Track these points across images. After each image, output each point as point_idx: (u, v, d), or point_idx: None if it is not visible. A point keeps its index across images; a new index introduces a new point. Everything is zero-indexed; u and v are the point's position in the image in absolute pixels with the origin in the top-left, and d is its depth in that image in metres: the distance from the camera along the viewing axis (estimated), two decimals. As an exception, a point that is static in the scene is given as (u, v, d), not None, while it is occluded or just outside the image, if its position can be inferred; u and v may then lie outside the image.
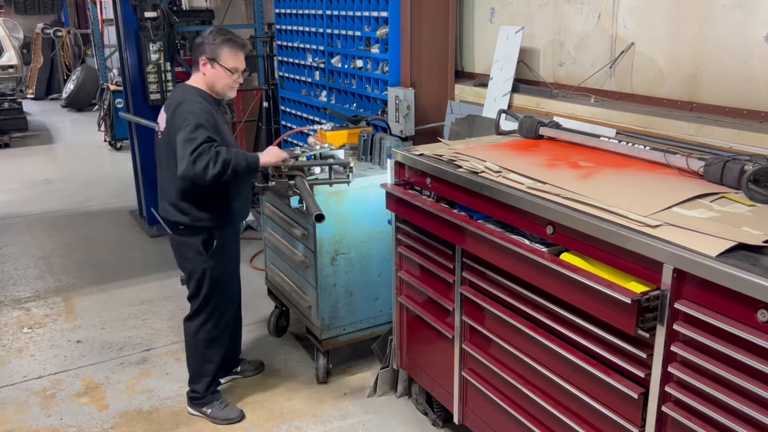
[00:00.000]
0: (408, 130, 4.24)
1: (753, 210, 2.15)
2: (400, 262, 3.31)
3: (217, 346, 3.50)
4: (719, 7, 2.91)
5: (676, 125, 3.02)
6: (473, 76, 4.44)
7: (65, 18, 15.44)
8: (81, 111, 13.07)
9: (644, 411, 2.10)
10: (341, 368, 3.95)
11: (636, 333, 1.99)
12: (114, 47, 10.12)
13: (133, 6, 5.72)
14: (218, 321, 3.48)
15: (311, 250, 3.61)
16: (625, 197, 2.27)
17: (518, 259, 2.42)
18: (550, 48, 3.82)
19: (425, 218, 2.92)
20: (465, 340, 2.93)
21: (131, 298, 4.95)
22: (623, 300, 1.97)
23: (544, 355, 2.47)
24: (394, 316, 3.45)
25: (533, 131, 3.17)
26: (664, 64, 3.21)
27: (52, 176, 8.50)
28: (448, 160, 2.89)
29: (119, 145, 9.94)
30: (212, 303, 3.43)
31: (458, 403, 3.04)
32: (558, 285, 2.25)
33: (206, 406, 3.53)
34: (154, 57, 5.83)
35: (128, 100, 6.20)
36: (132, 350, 4.25)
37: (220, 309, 3.46)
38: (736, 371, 1.82)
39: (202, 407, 3.53)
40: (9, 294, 5.12)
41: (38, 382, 3.92)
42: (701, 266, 1.85)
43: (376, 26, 4.44)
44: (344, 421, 3.50)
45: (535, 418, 2.59)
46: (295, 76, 5.70)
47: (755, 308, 1.75)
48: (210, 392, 3.53)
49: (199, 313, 3.44)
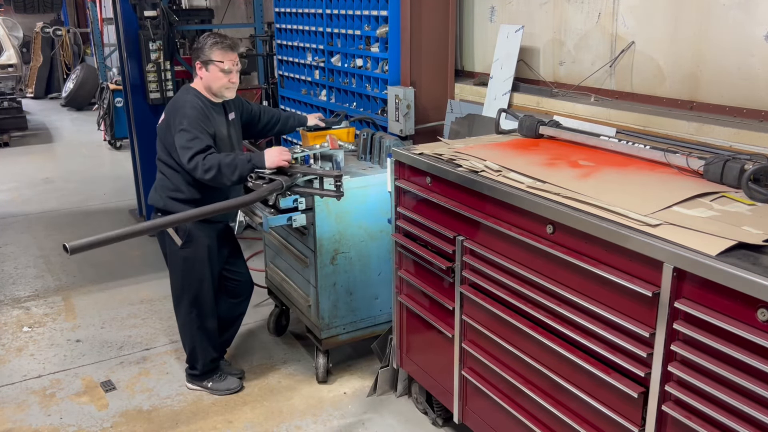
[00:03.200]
0: (408, 129, 4.23)
1: (753, 209, 2.15)
2: (400, 261, 3.31)
3: (208, 330, 3.66)
4: (719, 6, 2.91)
5: (676, 124, 3.02)
6: (473, 75, 4.43)
7: (65, 17, 15.43)
8: (80, 110, 13.07)
9: (644, 410, 2.10)
10: (341, 367, 3.95)
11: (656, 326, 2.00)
12: (113, 46, 10.12)
13: (132, 5, 5.71)
14: (200, 308, 3.60)
15: (311, 250, 3.61)
16: (625, 196, 2.27)
17: (529, 250, 2.42)
18: (550, 47, 3.82)
19: (432, 210, 2.92)
20: (465, 340, 2.93)
21: (131, 298, 4.95)
22: (644, 293, 1.98)
23: (544, 354, 2.47)
24: (394, 315, 3.44)
25: (533, 130, 3.17)
26: (665, 63, 3.21)
27: (51, 175, 8.50)
28: (448, 159, 2.89)
29: (119, 144, 9.94)
30: (190, 292, 3.56)
31: (458, 402, 3.04)
32: (574, 277, 2.27)
33: (206, 380, 3.72)
34: (154, 56, 5.83)
35: (128, 99, 6.20)
36: (132, 349, 4.25)
37: (199, 297, 3.58)
38: (736, 370, 1.82)
39: (202, 381, 3.73)
40: (9, 293, 5.12)
41: (38, 382, 3.92)
42: (701, 265, 1.85)
43: (376, 25, 4.43)
44: (344, 420, 3.50)
45: (535, 417, 2.59)
46: (294, 75, 5.69)
47: (755, 307, 1.75)
48: (208, 368, 3.71)
49: (181, 299, 3.60)
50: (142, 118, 6.09)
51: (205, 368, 3.72)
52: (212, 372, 3.74)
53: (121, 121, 9.28)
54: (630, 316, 2.09)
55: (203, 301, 3.60)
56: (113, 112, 9.49)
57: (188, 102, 3.34)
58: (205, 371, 3.72)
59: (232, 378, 3.75)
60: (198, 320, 3.62)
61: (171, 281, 3.65)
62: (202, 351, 3.68)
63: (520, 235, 2.47)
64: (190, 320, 3.62)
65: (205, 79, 3.39)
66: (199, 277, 3.56)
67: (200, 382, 3.74)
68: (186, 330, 3.67)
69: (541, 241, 2.39)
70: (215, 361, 3.75)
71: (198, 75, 3.42)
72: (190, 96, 3.38)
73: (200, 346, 3.67)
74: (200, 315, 3.62)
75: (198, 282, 3.56)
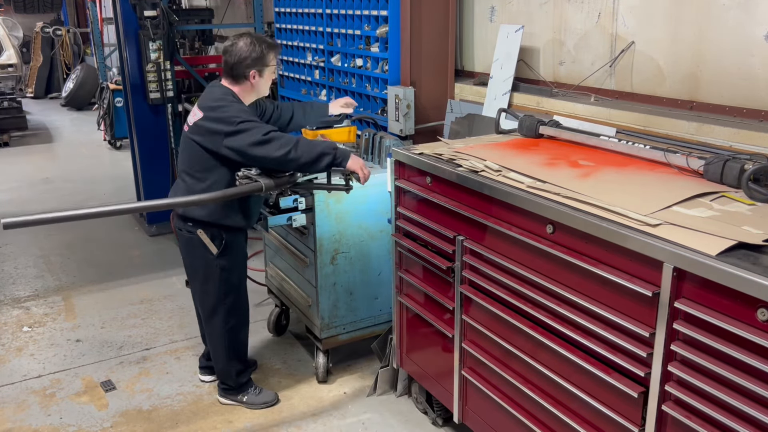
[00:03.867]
0: (408, 129, 4.24)
1: (753, 209, 2.15)
2: (400, 261, 3.31)
3: (244, 340, 3.57)
4: (719, 6, 2.91)
5: (676, 124, 3.02)
6: (473, 74, 4.44)
7: (65, 17, 15.42)
8: (80, 110, 13.06)
9: (644, 410, 2.10)
10: (341, 367, 3.95)
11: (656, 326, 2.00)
12: (113, 46, 10.12)
13: (132, 5, 5.71)
14: (239, 317, 3.50)
15: (311, 249, 3.61)
16: (625, 196, 2.27)
17: (529, 250, 2.42)
18: (550, 47, 3.82)
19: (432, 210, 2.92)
20: (465, 339, 2.93)
21: (131, 297, 4.95)
22: (644, 293, 1.98)
23: (544, 354, 2.47)
24: (394, 315, 3.44)
25: (533, 130, 3.17)
26: (665, 63, 3.21)
27: (51, 175, 8.50)
28: (447, 159, 2.89)
29: (119, 144, 9.94)
30: (228, 301, 3.42)
31: (458, 402, 3.04)
32: (573, 277, 2.27)
33: (241, 394, 3.60)
34: (154, 56, 5.82)
35: (128, 99, 6.20)
36: (132, 349, 4.24)
37: (237, 306, 3.47)
38: (736, 370, 1.82)
39: (237, 395, 3.60)
40: (8, 293, 5.11)
41: (38, 381, 3.92)
42: (701, 265, 1.85)
43: (375, 25, 4.43)
44: (344, 420, 3.50)
45: (535, 417, 2.59)
46: (294, 75, 5.70)
47: (755, 307, 1.75)
48: (241, 381, 3.59)
49: (217, 310, 3.43)
50: (142, 118, 6.09)
51: (240, 381, 3.59)
52: (248, 385, 3.62)
53: (121, 121, 9.28)
54: (630, 316, 2.09)
55: (242, 310, 3.51)
56: (113, 112, 9.48)
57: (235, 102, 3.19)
58: (240, 383, 3.59)
59: (267, 391, 3.63)
60: (235, 331, 3.49)
61: (202, 292, 3.44)
62: (239, 363, 3.56)
63: (520, 234, 2.47)
64: (227, 331, 3.47)
65: (257, 84, 3.26)
66: (237, 285, 3.45)
67: (235, 396, 3.61)
68: (221, 342, 3.48)
69: (541, 241, 2.39)
70: (249, 373, 3.67)
71: (249, 83, 3.24)
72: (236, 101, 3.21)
73: (238, 359, 3.55)
74: (238, 325, 3.50)
75: (236, 290, 3.45)
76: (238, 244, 3.43)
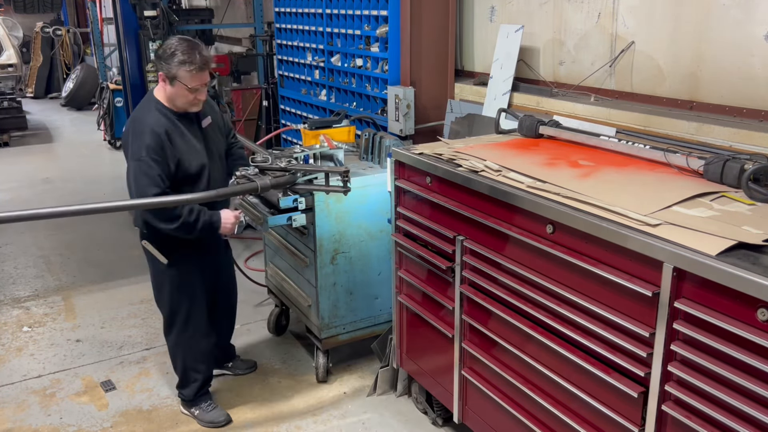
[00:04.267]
0: (408, 129, 4.24)
1: (753, 209, 2.15)
2: (400, 261, 3.31)
3: (199, 354, 3.45)
4: (719, 5, 2.91)
5: (676, 124, 3.02)
6: (473, 74, 4.44)
7: (65, 17, 15.43)
8: (80, 110, 13.06)
9: (644, 410, 2.10)
10: (341, 367, 3.95)
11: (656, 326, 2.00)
12: (113, 46, 10.12)
13: (132, 5, 5.72)
14: (196, 328, 3.40)
15: (311, 249, 3.61)
16: (625, 196, 2.27)
17: (529, 250, 2.42)
18: (550, 47, 3.82)
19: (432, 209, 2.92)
20: (465, 339, 2.93)
21: (131, 298, 4.95)
22: (644, 293, 1.98)
23: (544, 354, 2.47)
24: (394, 315, 3.44)
25: (533, 130, 3.17)
26: (664, 62, 3.21)
27: (51, 175, 8.50)
28: (447, 159, 2.89)
29: (119, 144, 9.93)
30: (183, 311, 3.35)
31: (458, 402, 3.04)
32: (573, 277, 2.27)
33: (194, 407, 3.51)
34: (154, 56, 5.82)
35: (127, 99, 6.21)
36: (132, 349, 4.24)
37: (192, 317, 3.37)
38: (735, 370, 1.82)
39: (190, 408, 3.52)
40: (8, 293, 5.11)
41: (38, 381, 3.92)
42: (701, 265, 1.85)
43: (375, 25, 4.43)
44: (344, 420, 3.50)
45: (535, 417, 2.59)
46: (294, 75, 5.70)
47: (755, 307, 1.75)
48: (198, 396, 3.50)
49: (172, 320, 3.38)
50: (142, 118, 6.08)
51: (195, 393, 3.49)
52: (202, 399, 3.50)
53: (121, 121, 9.28)
54: (630, 316, 2.09)
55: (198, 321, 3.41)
56: (113, 111, 9.49)
57: (148, 125, 3.04)
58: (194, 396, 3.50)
59: (220, 410, 3.51)
60: (191, 343, 3.41)
61: (158, 301, 3.43)
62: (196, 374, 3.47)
63: (520, 234, 2.47)
64: (183, 341, 3.40)
65: (169, 92, 3.10)
66: (191, 296, 3.35)
67: (188, 408, 3.53)
68: (177, 352, 3.45)
69: (541, 240, 2.39)
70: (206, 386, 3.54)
71: (160, 85, 3.12)
72: (153, 115, 3.08)
73: (194, 370, 3.46)
74: (195, 336, 3.41)
75: (190, 301, 3.35)
76: (192, 255, 3.31)
